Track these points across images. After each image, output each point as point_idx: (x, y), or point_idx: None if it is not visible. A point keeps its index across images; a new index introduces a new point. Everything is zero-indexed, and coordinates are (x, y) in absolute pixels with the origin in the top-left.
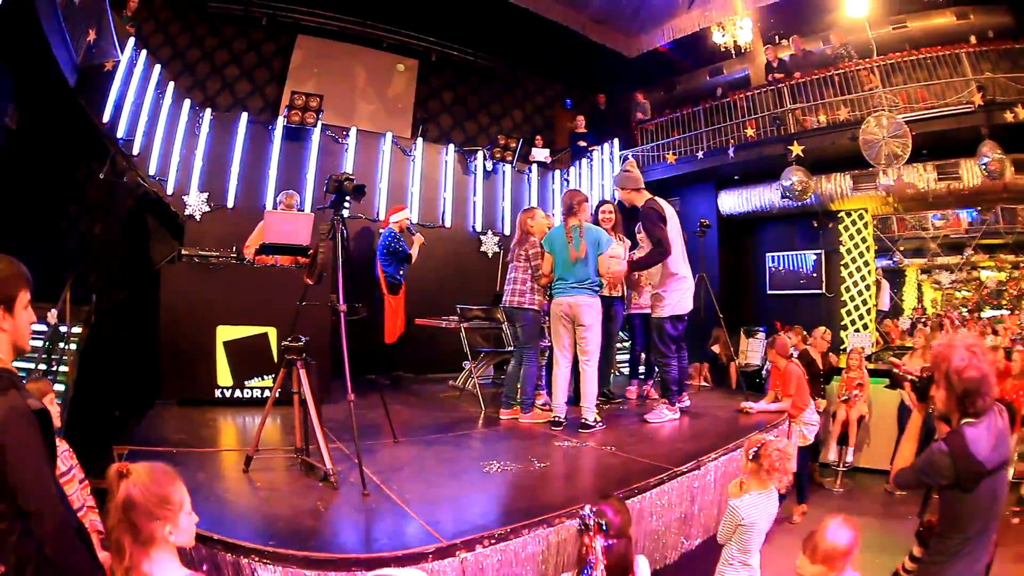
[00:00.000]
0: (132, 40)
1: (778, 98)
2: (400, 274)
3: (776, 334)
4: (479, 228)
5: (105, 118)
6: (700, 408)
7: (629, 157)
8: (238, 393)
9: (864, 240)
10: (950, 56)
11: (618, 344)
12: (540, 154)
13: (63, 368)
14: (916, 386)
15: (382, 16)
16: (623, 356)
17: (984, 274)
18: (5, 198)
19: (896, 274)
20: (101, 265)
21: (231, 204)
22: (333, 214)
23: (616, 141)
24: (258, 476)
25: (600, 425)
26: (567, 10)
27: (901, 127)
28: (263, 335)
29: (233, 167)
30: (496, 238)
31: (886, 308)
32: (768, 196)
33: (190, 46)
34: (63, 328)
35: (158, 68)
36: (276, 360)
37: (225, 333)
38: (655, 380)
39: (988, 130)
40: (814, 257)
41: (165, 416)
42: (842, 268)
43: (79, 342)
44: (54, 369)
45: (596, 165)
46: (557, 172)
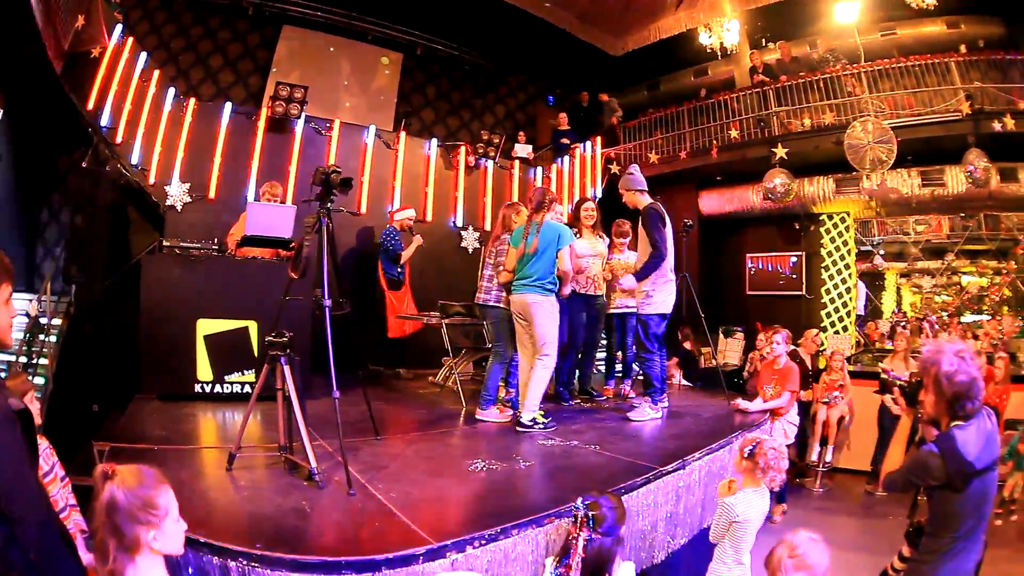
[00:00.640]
0: (119, 27)
1: (763, 100)
2: (398, 271)
3: (776, 334)
4: (460, 224)
5: (90, 105)
6: (682, 407)
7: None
8: (218, 388)
9: (846, 243)
10: (939, 64)
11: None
12: (523, 150)
13: (43, 361)
14: (905, 391)
15: (368, 8)
16: (600, 353)
17: (966, 279)
18: None
19: (875, 277)
20: (82, 256)
21: (213, 195)
22: (319, 207)
23: (599, 140)
24: (241, 474)
25: (540, 428)
26: (554, 7)
27: (887, 132)
28: (243, 329)
29: (216, 157)
30: (477, 234)
31: (861, 312)
32: (750, 197)
33: (175, 35)
34: (43, 320)
35: (144, 55)
36: (256, 355)
37: (206, 327)
38: (633, 379)
39: (975, 139)
40: (794, 259)
41: (145, 411)
42: (823, 270)
43: (59, 335)
44: (34, 362)
45: (578, 163)
46: (539, 169)
